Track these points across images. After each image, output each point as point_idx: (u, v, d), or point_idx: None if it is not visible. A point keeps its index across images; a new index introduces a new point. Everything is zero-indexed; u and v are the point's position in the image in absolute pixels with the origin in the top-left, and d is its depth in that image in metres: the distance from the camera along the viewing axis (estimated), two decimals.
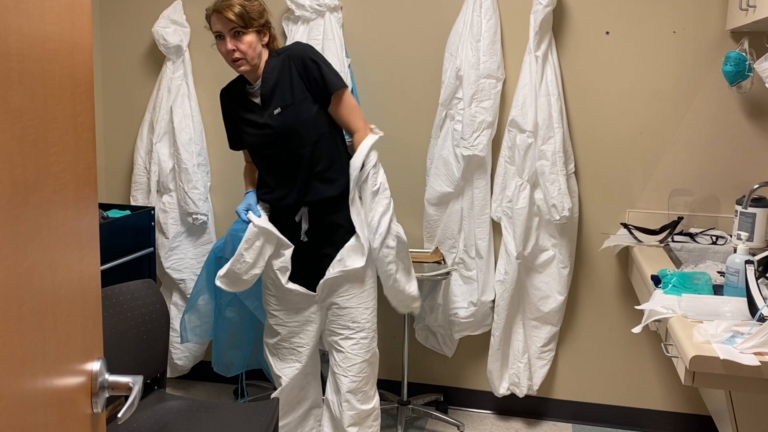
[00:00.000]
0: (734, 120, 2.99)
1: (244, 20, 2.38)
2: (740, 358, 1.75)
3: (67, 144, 0.98)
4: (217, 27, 2.42)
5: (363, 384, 2.53)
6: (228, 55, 2.44)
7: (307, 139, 2.49)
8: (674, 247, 2.85)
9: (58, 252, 0.94)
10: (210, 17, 2.44)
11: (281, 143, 2.50)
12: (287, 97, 2.48)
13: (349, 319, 2.52)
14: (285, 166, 2.53)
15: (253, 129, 2.55)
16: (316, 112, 2.50)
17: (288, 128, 2.48)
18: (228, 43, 2.41)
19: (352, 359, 2.51)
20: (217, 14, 2.39)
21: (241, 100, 2.58)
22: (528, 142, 3.00)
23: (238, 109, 2.59)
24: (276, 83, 2.48)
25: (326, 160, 2.51)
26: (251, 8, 2.40)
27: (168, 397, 2.41)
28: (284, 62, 2.48)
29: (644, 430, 3.22)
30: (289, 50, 2.52)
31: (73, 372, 1.02)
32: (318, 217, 2.55)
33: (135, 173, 3.46)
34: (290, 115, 2.47)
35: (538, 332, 3.17)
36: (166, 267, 3.40)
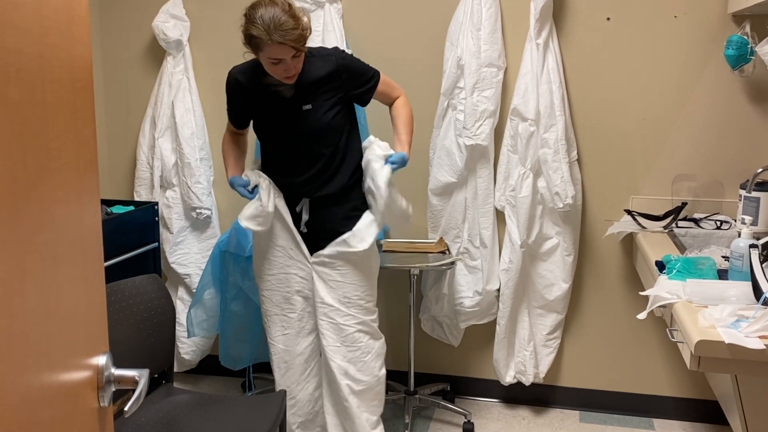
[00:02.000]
0: (737, 104, 2.97)
1: (303, 43, 2.31)
2: (745, 342, 1.75)
3: (67, 139, 0.98)
4: (278, 55, 2.29)
5: (362, 355, 2.51)
6: (284, 74, 2.35)
7: (331, 141, 2.48)
8: (678, 233, 2.85)
9: (61, 247, 0.95)
10: (264, 45, 2.27)
11: (306, 141, 2.47)
12: (321, 97, 2.46)
13: (341, 294, 2.50)
14: (301, 160, 2.50)
15: (278, 122, 2.49)
16: (345, 113, 2.52)
17: (318, 129, 2.45)
18: (290, 67, 2.33)
19: (345, 329, 2.49)
20: (279, 45, 2.25)
21: (260, 90, 2.50)
22: (530, 130, 3.00)
23: (255, 98, 2.51)
24: (312, 84, 2.45)
25: (341, 158, 2.51)
26: (305, 27, 2.31)
27: (175, 391, 2.43)
28: (322, 63, 2.46)
29: (651, 416, 3.23)
30: (328, 54, 2.49)
31: (78, 366, 1.02)
32: (318, 210, 2.54)
33: (138, 169, 3.47)
34: (321, 116, 2.45)
35: (544, 320, 3.17)
36: (171, 262, 3.41)
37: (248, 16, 2.30)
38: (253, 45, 2.31)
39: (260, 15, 2.25)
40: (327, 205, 2.52)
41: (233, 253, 2.99)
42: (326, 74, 2.45)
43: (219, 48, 3.40)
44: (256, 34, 2.26)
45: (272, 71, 2.35)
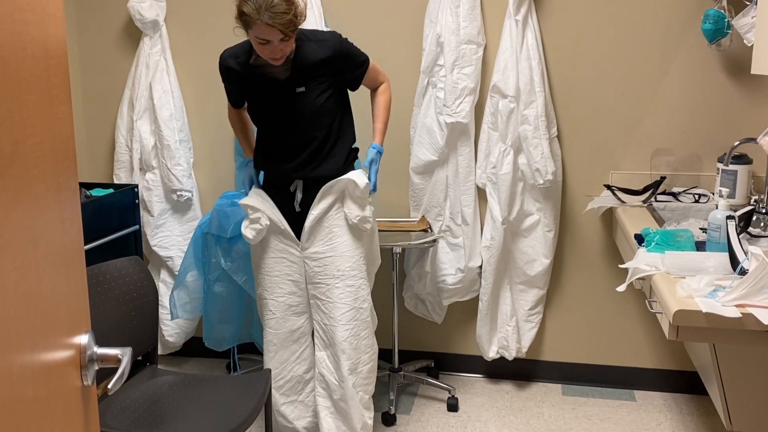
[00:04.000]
0: (714, 78, 3.00)
1: (292, 28, 2.29)
2: (722, 311, 1.78)
3: (43, 117, 0.97)
4: (265, 35, 2.27)
5: (359, 331, 2.51)
6: (271, 56, 2.34)
7: (324, 124, 2.49)
8: (657, 207, 2.88)
9: (39, 225, 0.94)
10: (253, 23, 2.26)
11: (299, 123, 2.47)
12: (315, 80, 2.45)
13: (333, 268, 2.50)
14: (294, 143, 2.49)
15: (270, 105, 2.49)
16: (338, 97, 2.52)
17: (311, 111, 2.45)
18: (276, 50, 2.31)
19: (341, 308, 2.49)
20: (267, 26, 2.24)
21: (253, 73, 2.49)
22: (510, 107, 3.00)
23: (248, 81, 2.51)
24: (306, 67, 2.44)
25: (333, 141, 2.52)
26: (298, 13, 2.29)
27: (160, 372, 2.43)
28: (317, 48, 2.45)
29: (632, 387, 3.28)
30: (325, 39, 2.48)
31: (60, 345, 1.02)
32: (312, 189, 2.52)
33: (117, 151, 3.44)
34: (314, 98, 2.45)
35: (525, 296, 3.20)
36: (153, 245, 3.39)
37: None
38: (243, 22, 2.29)
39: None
40: (321, 184, 2.51)
41: (215, 235, 2.98)
42: (321, 59, 2.44)
43: (196, 28, 3.37)
44: (246, 11, 2.25)
45: (259, 50, 2.34)
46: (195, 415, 2.19)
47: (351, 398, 2.51)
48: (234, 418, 2.12)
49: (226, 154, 3.44)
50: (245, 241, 2.93)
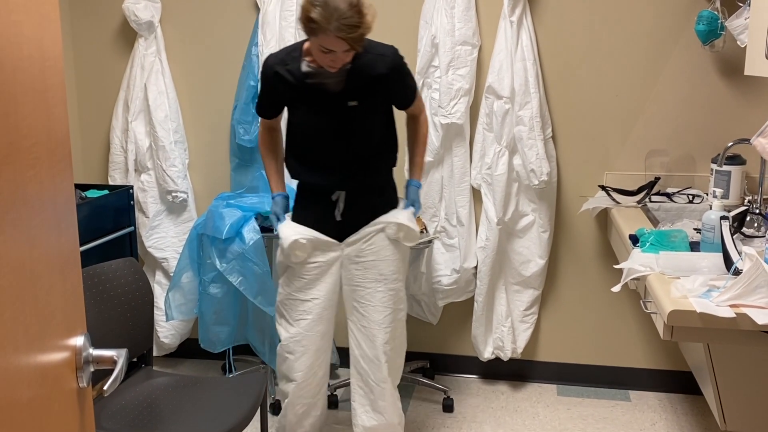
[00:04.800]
0: (708, 79, 3.01)
1: (360, 42, 2.20)
2: (716, 311, 1.79)
3: (38, 118, 0.97)
4: (331, 46, 2.16)
5: (396, 334, 2.49)
6: (331, 64, 2.24)
7: (374, 139, 2.43)
8: (652, 207, 2.89)
9: (35, 226, 0.94)
10: (321, 32, 2.14)
11: (348, 138, 2.38)
12: (368, 96, 2.37)
13: (376, 272, 2.44)
14: (341, 155, 2.41)
15: (320, 116, 2.37)
16: (387, 112, 2.47)
17: (362, 126, 2.39)
18: (338, 59, 2.22)
19: (382, 311, 2.44)
20: (335, 37, 2.13)
21: (303, 81, 2.35)
22: (505, 108, 3.01)
23: (297, 90, 2.36)
24: (361, 81, 2.34)
25: (380, 154, 2.47)
26: (367, 25, 2.19)
27: (155, 374, 2.43)
28: (375, 62, 2.35)
29: (627, 387, 3.29)
30: (384, 54, 2.38)
31: (56, 347, 1.02)
32: (354, 200, 2.45)
33: (112, 153, 3.43)
34: (366, 113, 2.38)
35: (521, 296, 3.21)
36: (148, 246, 3.39)
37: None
38: (309, 28, 2.17)
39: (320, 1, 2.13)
40: (364, 195, 2.45)
41: (210, 236, 2.98)
42: (378, 74, 2.35)
43: (191, 29, 3.37)
44: (315, 18, 2.12)
45: (319, 57, 2.23)
46: (190, 416, 2.19)
47: (391, 396, 2.50)
48: (229, 419, 2.12)
49: (221, 156, 3.44)
50: (240, 243, 2.94)
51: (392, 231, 2.45)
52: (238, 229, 2.96)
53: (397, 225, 2.44)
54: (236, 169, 3.38)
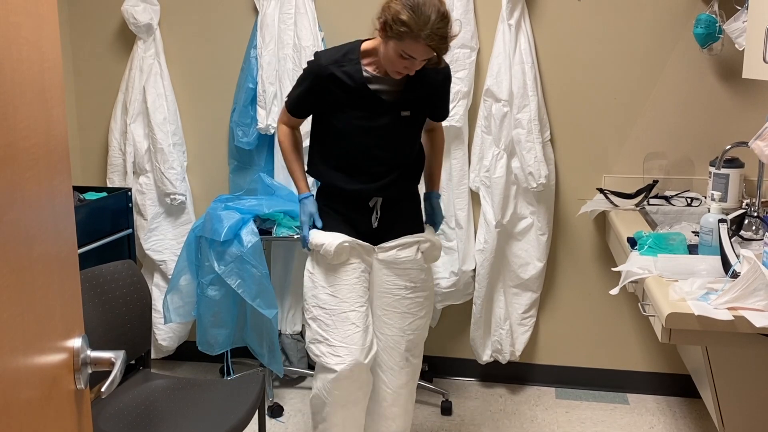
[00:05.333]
0: (706, 82, 3.02)
1: (445, 53, 2.16)
2: (714, 314, 1.79)
3: (37, 119, 0.97)
4: (415, 54, 2.09)
5: (418, 341, 2.48)
6: (404, 70, 2.17)
7: (415, 149, 2.40)
8: (650, 210, 2.89)
9: (33, 227, 0.94)
10: (409, 37, 2.05)
11: (395, 147, 2.33)
12: (420, 106, 2.33)
13: (407, 278, 2.39)
14: (383, 164, 2.34)
15: (370, 122, 2.27)
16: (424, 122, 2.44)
17: (410, 136, 2.36)
18: (413, 66, 2.15)
19: (409, 318, 2.41)
20: (424, 45, 2.06)
21: (361, 86, 2.24)
22: (504, 111, 3.01)
23: (351, 94, 2.24)
24: (418, 91, 2.29)
25: (415, 163, 2.44)
26: (452, 38, 2.13)
27: (153, 376, 2.42)
28: (432, 74, 2.29)
29: (625, 390, 3.29)
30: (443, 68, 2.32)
31: (54, 349, 1.02)
32: (390, 207, 2.40)
33: (110, 155, 3.43)
34: (415, 124, 2.35)
35: (519, 299, 3.21)
36: (146, 248, 3.39)
37: (409, 1, 2.05)
38: (396, 31, 2.05)
39: (421, 4, 2.04)
40: (399, 202, 2.42)
41: (208, 238, 2.98)
42: (433, 86, 2.32)
43: (190, 32, 3.37)
44: (407, 22, 2.02)
45: (393, 62, 2.14)
46: (188, 419, 2.18)
47: (405, 402, 2.50)
48: (227, 422, 2.12)
49: (219, 158, 3.44)
50: (239, 245, 2.94)
51: (426, 247, 2.42)
52: (237, 231, 2.96)
53: (432, 243, 2.43)
54: (235, 172, 3.38)
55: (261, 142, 3.29)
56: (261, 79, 3.17)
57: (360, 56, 2.26)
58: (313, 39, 3.10)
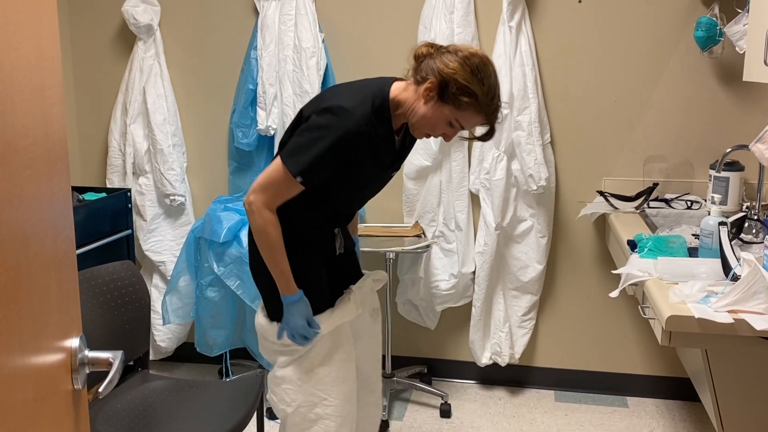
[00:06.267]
0: (706, 85, 3.01)
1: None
2: (714, 317, 1.78)
3: (35, 117, 0.96)
4: (468, 124, 1.92)
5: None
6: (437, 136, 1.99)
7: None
8: (650, 213, 2.89)
9: (31, 227, 0.94)
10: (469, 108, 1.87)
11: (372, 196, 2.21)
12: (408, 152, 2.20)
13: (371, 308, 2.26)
14: (357, 210, 2.26)
15: (381, 172, 2.09)
16: None
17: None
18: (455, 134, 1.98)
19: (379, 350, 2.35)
20: (482, 119, 1.92)
21: (386, 141, 2.00)
22: (504, 113, 3.01)
23: (369, 152, 1.95)
24: (408, 149, 2.16)
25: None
26: None
27: (152, 377, 2.41)
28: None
29: (624, 393, 3.28)
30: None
31: (51, 348, 1.01)
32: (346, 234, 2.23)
33: (110, 156, 3.42)
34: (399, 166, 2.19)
35: (519, 302, 3.20)
36: (145, 249, 3.38)
37: (475, 68, 1.86)
38: (454, 98, 1.85)
39: (489, 76, 1.88)
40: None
41: (208, 240, 2.97)
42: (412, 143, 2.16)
43: (190, 32, 3.37)
44: (477, 93, 1.84)
45: (434, 127, 1.93)
46: (187, 420, 2.18)
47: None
48: (226, 423, 2.11)
49: (219, 159, 3.44)
50: (238, 246, 2.93)
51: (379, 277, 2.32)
52: (236, 232, 2.96)
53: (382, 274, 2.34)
54: (234, 173, 3.37)
55: (261, 144, 3.28)
56: (261, 81, 3.17)
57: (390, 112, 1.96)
58: (314, 40, 3.10)
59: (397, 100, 1.95)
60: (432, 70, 1.88)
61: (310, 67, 3.09)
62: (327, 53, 3.17)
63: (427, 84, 1.88)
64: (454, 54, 1.88)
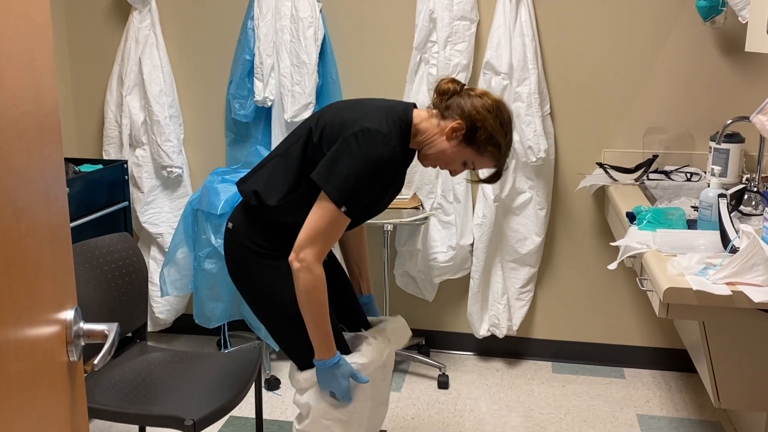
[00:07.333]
0: (708, 56, 2.98)
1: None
2: (712, 289, 1.78)
3: (26, 88, 0.95)
4: (481, 166, 1.98)
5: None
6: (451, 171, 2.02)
7: None
8: (649, 185, 2.87)
9: (22, 198, 0.92)
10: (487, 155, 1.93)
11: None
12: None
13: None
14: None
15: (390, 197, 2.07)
16: None
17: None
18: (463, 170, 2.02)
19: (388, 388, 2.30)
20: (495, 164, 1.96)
21: (405, 167, 2.03)
22: (503, 84, 2.98)
23: (399, 175, 2.02)
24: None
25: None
26: None
27: (150, 349, 2.42)
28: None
29: (622, 365, 3.30)
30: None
31: (46, 321, 1.01)
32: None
33: (106, 127, 3.40)
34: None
35: (517, 274, 3.20)
36: (143, 221, 3.37)
37: (504, 121, 1.92)
38: (479, 143, 1.90)
39: (512, 130, 1.96)
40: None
41: (205, 212, 2.96)
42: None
43: (186, 2, 3.32)
44: (501, 145, 1.91)
45: (449, 163, 1.97)
46: (185, 391, 2.19)
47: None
48: (224, 394, 2.12)
49: (216, 131, 3.41)
50: None
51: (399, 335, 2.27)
52: (234, 204, 2.94)
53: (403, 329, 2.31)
54: (232, 145, 3.35)
55: (258, 115, 3.26)
56: (258, 51, 3.13)
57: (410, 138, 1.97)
58: (311, 10, 3.06)
59: (418, 128, 1.96)
60: (462, 111, 1.90)
61: (308, 38, 3.05)
62: (325, 23, 3.13)
63: (455, 124, 1.90)
64: (482, 99, 1.92)
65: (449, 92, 1.95)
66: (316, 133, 1.92)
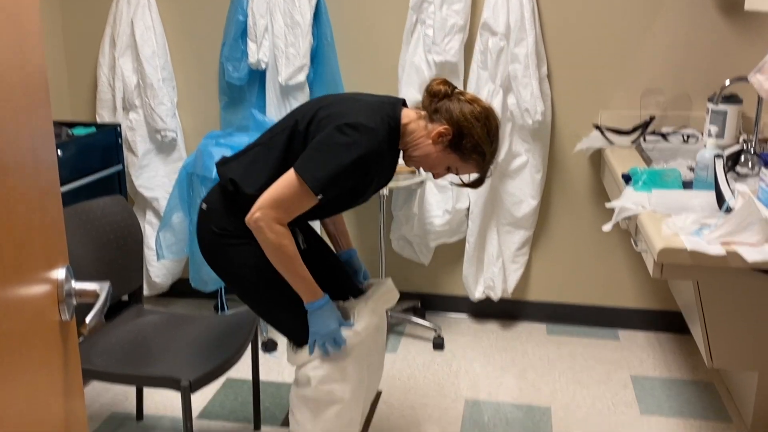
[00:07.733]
0: (706, 16, 2.94)
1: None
2: (707, 248, 1.78)
3: (9, 45, 0.93)
4: (466, 173, 2.00)
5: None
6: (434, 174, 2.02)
7: None
8: (646, 147, 2.86)
9: (8, 156, 0.91)
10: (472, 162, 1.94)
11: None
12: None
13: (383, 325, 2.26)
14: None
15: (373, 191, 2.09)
16: None
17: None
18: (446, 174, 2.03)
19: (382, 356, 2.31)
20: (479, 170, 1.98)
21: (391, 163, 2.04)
22: (500, 45, 2.95)
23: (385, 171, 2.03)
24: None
25: None
26: None
27: (146, 312, 2.43)
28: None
29: (616, 327, 3.32)
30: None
31: (36, 280, 1.01)
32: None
33: (99, 90, 3.36)
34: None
35: (512, 237, 3.20)
36: (138, 185, 3.36)
37: (492, 131, 1.93)
38: (464, 150, 1.91)
39: (498, 140, 1.97)
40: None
41: (200, 175, 2.95)
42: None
43: None
44: (486, 154, 1.93)
45: (434, 167, 1.98)
46: (181, 352, 2.20)
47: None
48: (220, 355, 2.13)
49: (210, 94, 3.38)
50: None
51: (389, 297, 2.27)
52: None
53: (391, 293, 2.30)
54: (225, 108, 3.32)
55: (252, 78, 3.22)
56: (251, 12, 3.09)
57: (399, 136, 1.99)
58: None
59: (405, 129, 1.96)
60: (450, 117, 1.90)
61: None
62: None
63: (442, 129, 1.90)
64: (471, 105, 1.92)
65: (440, 94, 1.95)
66: (303, 124, 1.93)
